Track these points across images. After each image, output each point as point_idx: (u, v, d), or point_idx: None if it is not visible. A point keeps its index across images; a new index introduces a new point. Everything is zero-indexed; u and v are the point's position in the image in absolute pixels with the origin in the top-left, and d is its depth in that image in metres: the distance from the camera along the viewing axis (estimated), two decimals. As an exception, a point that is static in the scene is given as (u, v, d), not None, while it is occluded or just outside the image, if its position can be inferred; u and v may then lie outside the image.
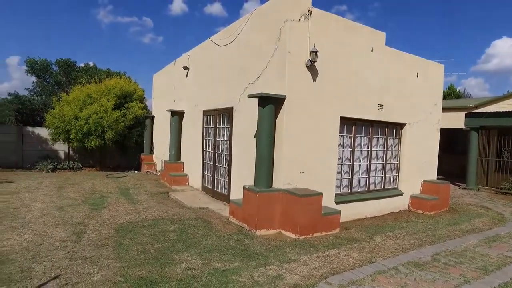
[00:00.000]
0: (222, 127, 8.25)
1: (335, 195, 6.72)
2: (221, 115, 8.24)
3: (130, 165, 14.91)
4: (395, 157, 8.25)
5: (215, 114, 8.52)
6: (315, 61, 5.91)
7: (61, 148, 14.48)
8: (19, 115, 17.00)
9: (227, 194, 7.81)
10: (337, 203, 6.66)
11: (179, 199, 8.26)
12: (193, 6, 71.57)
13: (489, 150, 12.53)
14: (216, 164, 8.54)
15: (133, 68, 58.47)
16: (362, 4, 74.88)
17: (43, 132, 14.08)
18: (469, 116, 12.19)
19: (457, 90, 29.31)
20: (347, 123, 6.99)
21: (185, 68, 10.43)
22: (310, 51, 5.85)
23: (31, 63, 20.36)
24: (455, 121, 12.97)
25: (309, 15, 5.95)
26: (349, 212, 6.81)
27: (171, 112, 10.95)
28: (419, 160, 8.47)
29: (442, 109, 9.17)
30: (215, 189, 8.56)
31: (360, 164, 7.51)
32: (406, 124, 8.15)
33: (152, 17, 65.33)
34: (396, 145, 8.26)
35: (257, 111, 5.97)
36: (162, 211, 6.98)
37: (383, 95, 7.41)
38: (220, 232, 5.70)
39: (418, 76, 8.24)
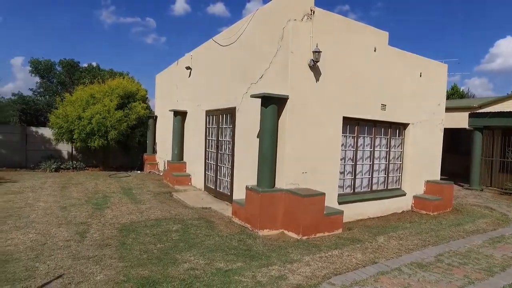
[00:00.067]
0: (224, 127, 8.26)
1: (338, 195, 6.70)
2: (224, 115, 8.25)
3: (133, 165, 14.97)
4: (398, 157, 8.22)
5: (218, 114, 8.53)
6: (318, 61, 5.90)
7: (65, 148, 14.58)
8: (23, 115, 17.11)
9: (229, 194, 7.82)
10: (340, 203, 6.64)
11: (182, 199, 8.27)
12: (195, 6, 71.78)
13: (493, 150, 12.45)
14: (218, 164, 8.55)
15: (136, 68, 58.78)
16: (364, 4, 74.75)
17: (47, 132, 14.18)
18: (473, 116, 12.13)
19: (461, 90, 29.19)
20: (350, 123, 6.97)
21: (188, 68, 10.45)
22: (313, 51, 5.85)
23: (35, 63, 20.46)
24: (459, 121, 12.92)
25: (311, 15, 5.94)
26: (352, 212, 6.79)
27: (173, 112, 10.97)
28: (422, 160, 8.43)
29: (445, 109, 9.12)
30: (218, 189, 8.56)
31: (363, 164, 7.49)
32: (409, 124, 8.12)
33: (155, 17, 65.61)
34: (399, 145, 8.23)
35: (260, 111, 5.97)
36: (164, 211, 6.99)
37: (386, 95, 7.38)
38: (222, 232, 5.71)
39: (421, 76, 8.20)
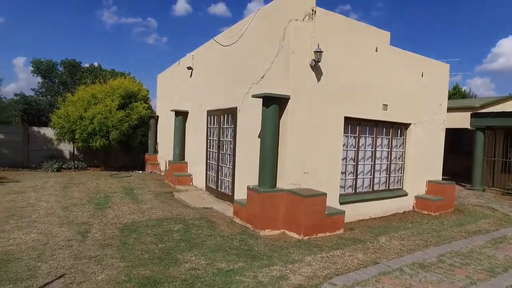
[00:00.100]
0: (226, 127, 8.26)
1: (339, 196, 6.69)
2: (225, 115, 8.25)
3: (134, 165, 15.00)
4: (400, 158, 8.20)
5: (219, 114, 8.53)
6: (319, 61, 5.89)
7: (66, 148, 14.61)
8: (25, 115, 17.18)
9: (231, 194, 7.82)
10: (341, 204, 6.63)
11: (183, 199, 8.28)
12: (197, 6, 71.81)
13: (495, 150, 12.41)
14: (220, 164, 8.55)
15: (137, 68, 58.86)
16: (366, 3, 74.65)
17: (49, 132, 14.21)
18: (475, 116, 12.08)
19: (463, 90, 29.12)
20: (352, 123, 6.96)
21: (189, 68, 10.46)
22: (314, 51, 5.84)
23: (37, 64, 20.54)
24: (461, 121, 12.88)
25: (313, 14, 5.93)
26: (353, 212, 6.78)
27: (175, 112, 10.99)
28: (424, 160, 8.41)
29: (447, 109, 9.10)
30: (219, 189, 8.57)
31: (364, 164, 7.48)
32: (411, 124, 8.10)
33: (156, 17, 65.67)
34: (400, 145, 8.21)
35: (261, 111, 5.97)
36: (166, 211, 7.00)
37: (387, 95, 7.37)
38: (224, 232, 5.71)
39: (423, 76, 8.18)
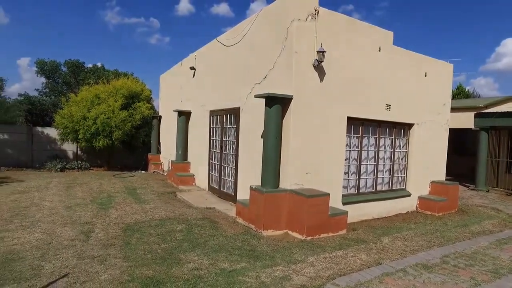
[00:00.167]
0: (228, 127, 8.26)
1: (342, 196, 6.68)
2: (228, 115, 8.25)
3: (137, 165, 15.03)
4: (403, 158, 8.17)
5: (222, 114, 8.54)
6: (322, 61, 5.88)
7: (70, 148, 14.69)
8: (29, 116, 17.30)
9: (233, 194, 7.82)
10: (344, 204, 6.61)
11: (186, 199, 8.29)
12: (199, 6, 71.87)
13: (499, 150, 12.31)
14: (222, 164, 8.55)
15: (140, 68, 58.93)
16: (369, 3, 74.41)
17: (52, 132, 14.30)
18: (478, 116, 12.00)
19: (466, 89, 28.91)
20: (355, 123, 6.94)
21: (192, 68, 10.46)
22: (317, 51, 5.82)
23: (40, 64, 20.68)
24: (464, 121, 12.80)
25: (316, 14, 5.92)
26: (356, 213, 6.76)
27: (178, 112, 11.01)
28: (427, 160, 8.37)
29: (451, 109, 9.05)
30: (222, 189, 8.57)
31: (367, 164, 7.45)
32: (414, 124, 8.06)
33: (159, 18, 65.84)
34: (404, 146, 8.17)
35: (264, 111, 5.96)
36: (169, 211, 7.01)
37: (390, 95, 7.34)
38: (226, 232, 5.71)
39: (426, 75, 8.14)
